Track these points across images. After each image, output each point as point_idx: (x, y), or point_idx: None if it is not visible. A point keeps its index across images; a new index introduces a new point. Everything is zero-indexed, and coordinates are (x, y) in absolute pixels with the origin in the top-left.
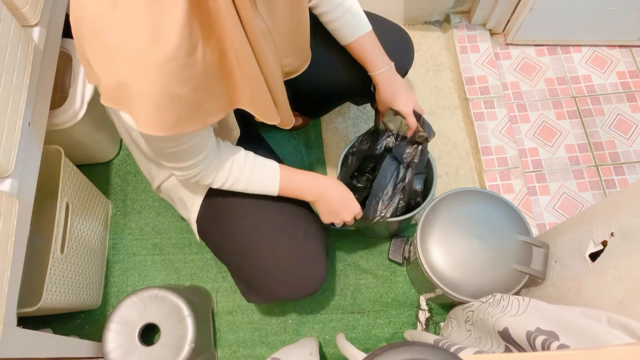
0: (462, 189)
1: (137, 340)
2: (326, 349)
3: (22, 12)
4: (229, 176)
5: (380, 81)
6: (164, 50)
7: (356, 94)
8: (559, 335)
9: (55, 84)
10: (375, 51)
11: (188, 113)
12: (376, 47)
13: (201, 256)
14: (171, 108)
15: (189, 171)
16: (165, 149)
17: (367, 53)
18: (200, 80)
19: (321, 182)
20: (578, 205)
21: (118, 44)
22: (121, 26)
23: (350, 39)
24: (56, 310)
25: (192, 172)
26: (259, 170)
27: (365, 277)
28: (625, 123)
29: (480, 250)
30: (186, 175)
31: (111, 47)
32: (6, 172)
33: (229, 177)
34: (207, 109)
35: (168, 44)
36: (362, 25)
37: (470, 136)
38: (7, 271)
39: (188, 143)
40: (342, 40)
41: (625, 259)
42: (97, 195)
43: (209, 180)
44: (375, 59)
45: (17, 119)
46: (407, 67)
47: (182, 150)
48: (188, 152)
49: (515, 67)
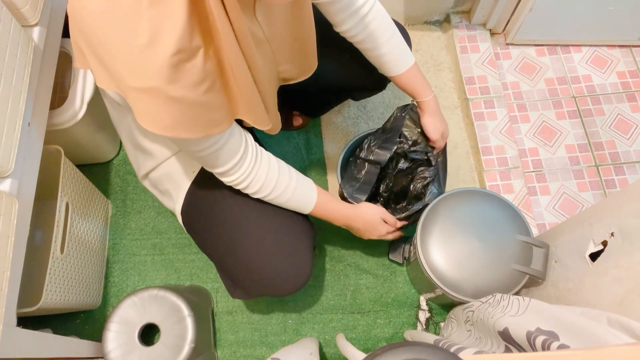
0: (462, 189)
1: (137, 341)
2: (326, 349)
3: (22, 12)
4: (273, 189)
5: (432, 107)
6: (163, 52)
7: (355, 89)
8: (559, 335)
9: (55, 84)
10: (423, 79)
11: (187, 118)
12: (422, 76)
13: (201, 256)
14: (167, 110)
15: (230, 177)
16: (194, 153)
17: (417, 82)
18: (200, 85)
19: (347, 213)
20: (578, 205)
21: (117, 43)
22: (121, 25)
23: (400, 70)
24: (56, 310)
25: (234, 178)
26: (300, 190)
27: (365, 277)
28: (625, 123)
29: (480, 250)
30: (230, 182)
31: (110, 45)
32: (6, 172)
33: (274, 190)
34: (210, 119)
35: (167, 47)
36: (409, 57)
37: (470, 136)
38: (7, 271)
39: (212, 148)
40: (392, 71)
41: (625, 259)
42: (97, 195)
43: (255, 189)
44: (425, 86)
45: (17, 118)
46: None
47: (208, 155)
48: (217, 158)
49: (515, 67)
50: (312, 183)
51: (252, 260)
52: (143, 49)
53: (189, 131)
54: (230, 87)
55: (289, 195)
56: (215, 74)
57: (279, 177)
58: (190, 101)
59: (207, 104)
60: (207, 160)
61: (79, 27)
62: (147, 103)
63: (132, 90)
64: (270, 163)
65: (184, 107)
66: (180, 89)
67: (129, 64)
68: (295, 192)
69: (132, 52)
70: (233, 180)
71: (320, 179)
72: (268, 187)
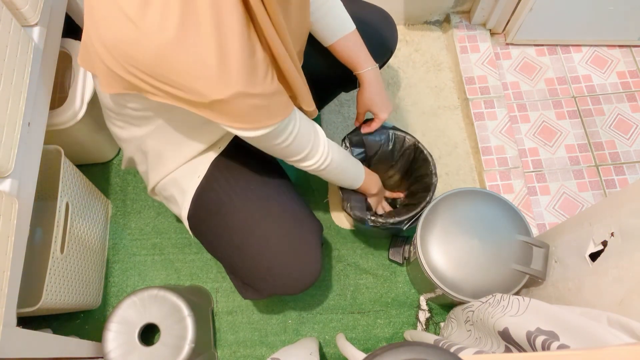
0: (462, 189)
1: (137, 340)
2: (326, 349)
3: (21, 11)
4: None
5: (367, 80)
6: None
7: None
8: (559, 335)
9: (55, 84)
10: (362, 50)
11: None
12: (361, 45)
13: (201, 256)
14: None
15: (313, 160)
16: (276, 146)
17: (353, 52)
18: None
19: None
20: (578, 205)
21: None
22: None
23: (334, 38)
24: (56, 310)
25: (315, 160)
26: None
27: (365, 277)
28: (625, 123)
29: (480, 250)
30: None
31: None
32: (6, 172)
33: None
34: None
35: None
36: (345, 25)
37: (470, 136)
38: (7, 271)
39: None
40: (326, 40)
41: (625, 259)
42: (97, 195)
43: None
44: (363, 58)
45: (17, 118)
46: (391, 48)
47: (291, 143)
48: (298, 144)
49: (515, 67)
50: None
51: (263, 260)
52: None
53: (272, 119)
54: (281, 73)
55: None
56: (270, 62)
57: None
58: (268, 93)
59: (277, 89)
60: (291, 149)
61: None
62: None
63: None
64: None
65: (265, 100)
66: (258, 86)
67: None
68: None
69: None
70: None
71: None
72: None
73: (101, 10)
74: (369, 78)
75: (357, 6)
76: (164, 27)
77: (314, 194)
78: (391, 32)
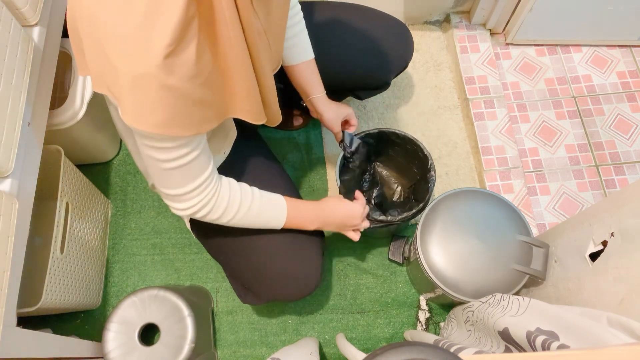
0: (462, 189)
1: (137, 340)
2: (326, 349)
3: (22, 11)
4: (239, 208)
5: (322, 102)
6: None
7: (359, 88)
8: (559, 335)
9: (55, 84)
10: (318, 77)
11: (181, 114)
12: (317, 73)
13: (201, 256)
14: (161, 102)
15: (193, 200)
16: (162, 163)
17: (311, 78)
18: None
19: (320, 211)
20: (578, 205)
21: (112, 27)
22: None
23: (298, 60)
24: (56, 310)
25: (197, 200)
26: (265, 203)
27: (365, 277)
28: (625, 123)
29: (480, 250)
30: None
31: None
32: (6, 172)
33: (240, 209)
34: (203, 115)
35: (164, 37)
36: (308, 50)
37: (470, 136)
38: (7, 271)
39: (186, 158)
40: (291, 60)
41: (625, 259)
42: (97, 195)
43: (219, 212)
44: (318, 84)
45: (17, 118)
46: (407, 59)
47: (180, 167)
48: (187, 171)
49: (515, 67)
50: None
51: (263, 265)
52: (139, 28)
53: (181, 128)
54: (231, 84)
55: (256, 211)
56: (212, 69)
57: (242, 195)
58: (185, 93)
59: (201, 98)
60: (175, 176)
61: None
62: (139, 96)
63: (126, 83)
64: (230, 183)
65: (179, 100)
66: (175, 79)
67: (124, 47)
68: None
69: (128, 33)
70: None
71: (320, 179)
72: (233, 207)
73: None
74: (323, 100)
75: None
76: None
77: (314, 194)
78: (407, 45)
